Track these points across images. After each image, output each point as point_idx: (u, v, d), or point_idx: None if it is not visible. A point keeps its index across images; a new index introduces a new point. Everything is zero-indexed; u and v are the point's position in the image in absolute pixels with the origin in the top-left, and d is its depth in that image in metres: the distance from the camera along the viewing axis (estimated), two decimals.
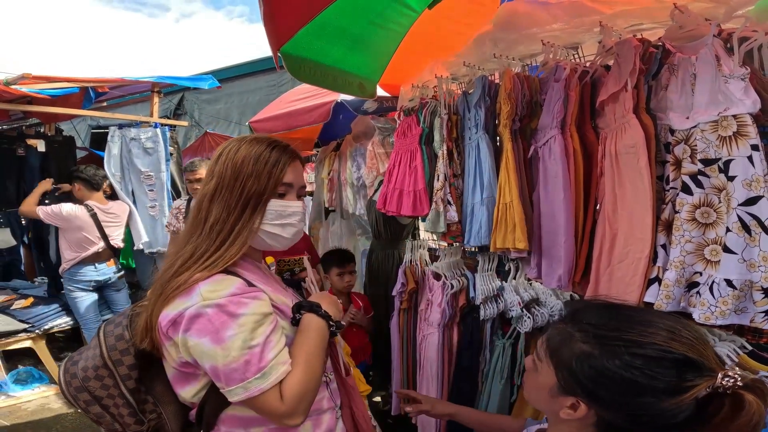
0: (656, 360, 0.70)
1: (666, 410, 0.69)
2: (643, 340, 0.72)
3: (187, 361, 0.96)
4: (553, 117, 1.43)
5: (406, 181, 2.28)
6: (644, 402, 0.70)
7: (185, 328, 0.92)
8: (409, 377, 2.53)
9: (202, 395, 1.00)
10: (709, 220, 1.12)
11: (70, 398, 1.04)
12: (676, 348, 0.70)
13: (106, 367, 1.02)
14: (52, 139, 4.42)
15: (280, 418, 0.93)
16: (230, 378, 0.91)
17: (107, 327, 1.08)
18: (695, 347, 0.70)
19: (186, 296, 0.93)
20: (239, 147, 1.03)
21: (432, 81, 2.21)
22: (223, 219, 0.99)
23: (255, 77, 7.01)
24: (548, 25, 1.45)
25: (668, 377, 0.69)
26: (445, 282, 2.26)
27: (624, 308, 0.80)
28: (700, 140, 1.11)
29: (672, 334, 0.71)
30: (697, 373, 0.69)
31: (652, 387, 0.70)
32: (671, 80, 1.19)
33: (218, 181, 1.01)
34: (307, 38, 2.01)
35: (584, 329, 0.77)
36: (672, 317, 0.75)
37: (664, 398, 0.69)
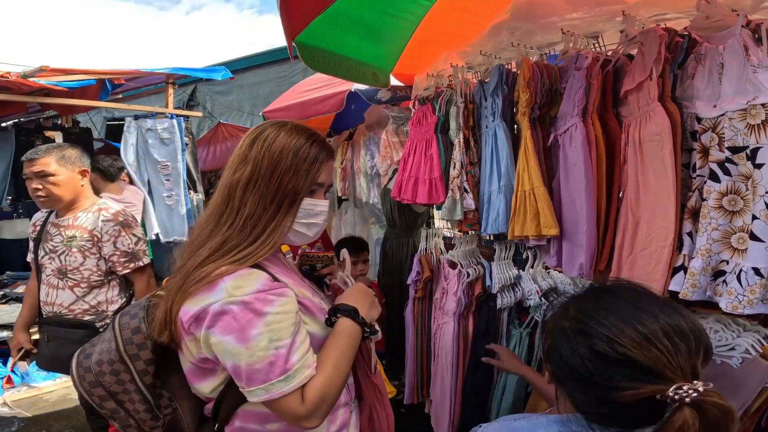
0: (603, 355, 0.72)
1: (616, 403, 0.71)
2: (606, 333, 0.73)
3: (206, 357, 0.93)
4: (574, 105, 1.41)
5: (421, 169, 2.28)
6: (573, 386, 0.77)
7: (209, 325, 0.88)
8: (423, 367, 2.55)
9: (220, 390, 0.98)
10: (736, 208, 1.11)
11: (83, 393, 1.00)
12: (631, 351, 0.70)
13: (122, 362, 0.98)
14: (70, 130, 4.48)
15: (298, 421, 0.91)
16: (252, 378, 0.88)
17: (122, 319, 1.02)
18: (659, 356, 0.70)
19: (209, 291, 0.89)
20: (278, 134, 0.97)
21: (447, 70, 2.20)
22: (258, 213, 0.94)
23: (266, 68, 7.01)
24: (567, 14, 1.43)
25: (608, 373, 0.71)
26: (461, 270, 2.27)
27: (636, 303, 0.77)
28: (727, 128, 1.10)
29: (645, 340, 0.71)
30: (646, 377, 0.69)
31: (591, 378, 0.73)
32: (698, 69, 1.19)
33: (254, 169, 0.95)
34: (321, 28, 2.00)
35: (576, 309, 0.80)
36: (679, 324, 0.73)
37: (601, 391, 0.72)
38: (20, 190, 4.51)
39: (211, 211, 0.99)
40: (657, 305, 0.76)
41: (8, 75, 3.17)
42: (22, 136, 4.32)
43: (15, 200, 4.73)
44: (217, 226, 0.96)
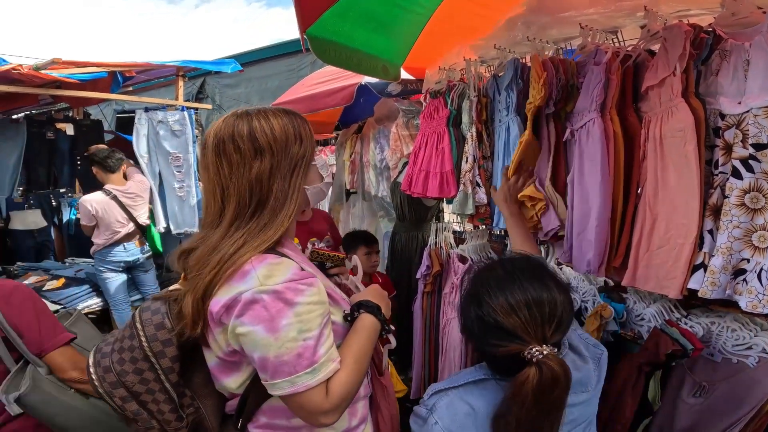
0: (481, 318, 0.95)
1: (492, 356, 0.97)
2: (486, 300, 0.95)
3: (233, 351, 0.93)
4: (592, 100, 1.39)
5: (432, 163, 2.26)
6: (475, 344, 1.03)
7: (239, 314, 0.87)
8: (430, 362, 2.55)
9: (246, 385, 0.97)
10: (758, 206, 1.09)
11: (103, 394, 0.95)
12: (499, 317, 0.92)
13: (146, 360, 0.94)
14: (81, 123, 4.51)
15: (318, 416, 0.90)
16: (278, 371, 0.87)
17: (143, 315, 0.97)
18: (521, 324, 0.91)
19: (241, 280, 0.88)
20: (269, 121, 0.96)
21: (459, 63, 2.17)
22: (284, 190, 0.95)
23: (274, 61, 7.00)
24: (585, 9, 1.40)
25: (487, 334, 0.94)
26: (472, 265, 2.26)
27: (512, 275, 0.98)
28: (752, 125, 1.08)
29: (509, 308, 0.92)
30: (511, 338, 0.91)
31: (478, 336, 0.98)
32: (722, 65, 1.17)
33: (272, 156, 0.94)
34: (332, 20, 1.99)
35: (473, 278, 1.05)
36: (540, 294, 0.94)
37: (486, 346, 0.96)
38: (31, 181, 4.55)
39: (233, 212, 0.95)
40: (530, 279, 0.96)
41: (20, 67, 3.19)
42: (33, 128, 4.36)
43: (26, 191, 4.78)
44: (242, 220, 0.94)
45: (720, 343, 1.34)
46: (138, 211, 3.83)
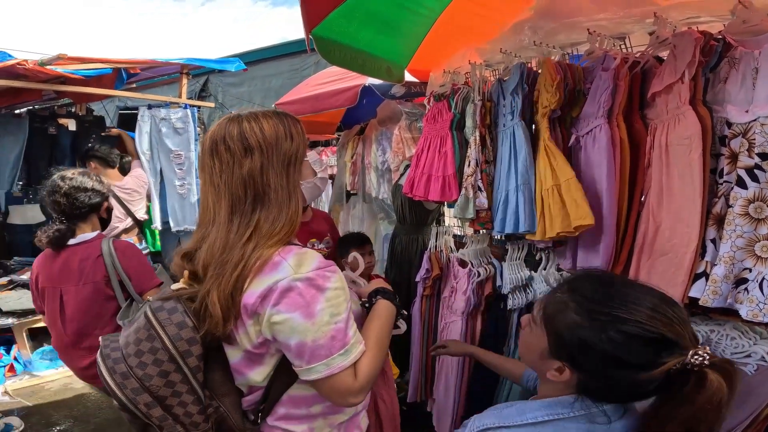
0: (636, 337, 0.75)
1: (639, 381, 0.76)
2: (629, 317, 0.76)
3: (263, 341, 0.94)
4: (599, 106, 1.39)
5: (434, 166, 2.26)
6: (621, 374, 0.77)
7: (275, 302, 0.89)
8: (427, 365, 2.55)
9: (271, 376, 0.98)
10: (761, 216, 1.09)
11: (126, 402, 0.90)
12: (656, 326, 0.75)
13: (172, 361, 0.91)
14: (83, 118, 4.50)
15: (350, 396, 0.93)
16: (315, 355, 0.90)
17: (159, 314, 0.93)
18: (674, 326, 0.75)
19: (273, 271, 0.91)
20: (259, 122, 0.99)
21: (464, 67, 2.17)
22: (282, 185, 0.97)
23: (277, 61, 7.01)
24: (594, 15, 1.40)
25: (644, 354, 0.75)
26: (472, 269, 2.25)
27: (617, 283, 0.84)
28: (759, 134, 1.08)
29: (655, 313, 0.76)
30: (671, 350, 0.74)
31: (629, 362, 0.76)
32: (731, 73, 1.17)
33: (261, 153, 0.97)
34: (338, 21, 1.99)
35: (578, 301, 0.82)
36: (658, 294, 0.80)
37: (639, 372, 0.75)
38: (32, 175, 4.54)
39: (228, 208, 0.97)
40: (640, 289, 0.82)
41: (25, 62, 3.19)
42: (35, 122, 4.35)
43: (26, 186, 4.76)
44: (242, 216, 0.96)
45: (719, 351, 1.34)
46: (135, 206, 3.82)
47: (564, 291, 0.86)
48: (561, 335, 0.83)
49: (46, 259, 1.98)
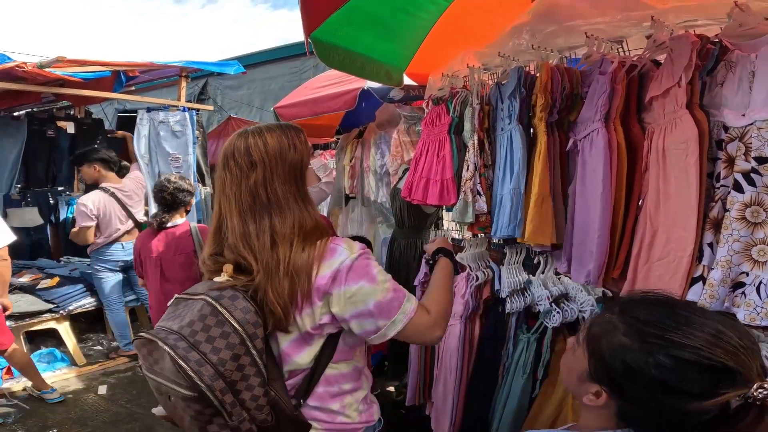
0: (690, 363, 0.70)
1: (689, 412, 0.69)
2: (684, 341, 0.71)
3: (326, 321, 1.06)
4: (596, 110, 1.39)
5: (433, 170, 2.26)
6: (668, 402, 0.71)
7: (346, 280, 1.04)
8: (426, 368, 2.54)
9: (316, 357, 1.09)
10: (758, 220, 1.09)
11: (204, 389, 0.91)
12: (716, 354, 0.69)
13: (243, 344, 0.97)
14: (82, 121, 4.51)
15: (432, 330, 1.11)
16: (391, 308, 1.05)
17: (223, 302, 0.99)
18: (738, 356, 0.69)
19: (333, 256, 1.06)
20: (264, 137, 1.10)
21: (462, 70, 2.18)
22: (291, 192, 1.09)
23: (277, 64, 7.03)
24: (592, 18, 1.41)
25: (698, 382, 0.69)
26: (470, 273, 2.25)
27: (679, 306, 0.78)
28: (755, 138, 1.08)
29: (717, 340, 0.70)
30: (731, 382, 0.68)
31: (679, 389, 0.70)
32: (728, 77, 1.17)
33: (263, 168, 1.08)
34: (337, 24, 2.00)
35: (629, 323, 0.77)
36: (727, 321, 0.73)
37: (689, 401, 0.69)
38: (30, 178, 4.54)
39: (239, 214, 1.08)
40: (717, 314, 0.76)
41: (24, 65, 3.19)
42: (34, 125, 4.35)
43: (24, 188, 4.76)
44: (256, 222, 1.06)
45: None
46: (135, 208, 3.83)
47: (614, 312, 0.81)
48: (603, 357, 0.78)
49: (145, 237, 2.80)
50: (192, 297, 1.04)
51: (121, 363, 3.89)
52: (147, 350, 1.01)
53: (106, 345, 4.22)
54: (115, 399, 3.35)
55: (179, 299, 1.08)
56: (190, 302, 1.03)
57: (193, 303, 1.02)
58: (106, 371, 3.77)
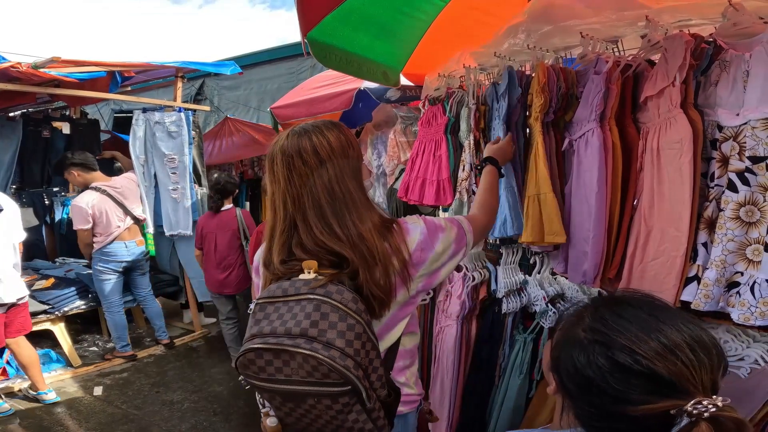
0: (623, 366, 0.70)
1: (620, 417, 0.70)
2: (624, 344, 0.71)
3: (418, 291, 1.17)
4: (591, 110, 1.39)
5: (429, 170, 2.26)
6: (594, 400, 0.73)
7: (431, 243, 1.17)
8: (423, 369, 2.54)
9: (402, 331, 1.18)
10: (752, 219, 1.09)
11: (354, 379, 0.96)
12: (651, 362, 0.68)
13: (365, 332, 1.01)
14: (77, 122, 4.49)
15: (486, 230, 1.38)
16: (461, 237, 1.22)
17: (335, 297, 1.01)
18: (681, 368, 0.68)
19: (410, 233, 1.16)
20: (326, 135, 1.12)
21: (458, 71, 2.18)
22: (357, 187, 1.14)
23: (274, 64, 7.02)
24: (588, 18, 1.41)
25: (625, 386, 0.69)
26: (466, 274, 2.25)
27: (647, 308, 0.76)
28: (749, 137, 1.08)
29: (666, 349, 0.69)
30: (665, 392, 0.67)
31: (604, 390, 0.71)
32: (722, 76, 1.17)
33: (333, 165, 1.11)
34: (333, 24, 1.99)
35: (593, 318, 0.78)
36: (701, 337, 0.72)
37: (619, 405, 0.69)
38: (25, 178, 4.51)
39: (317, 211, 1.10)
40: (678, 317, 0.74)
41: (19, 65, 3.17)
42: (29, 126, 4.33)
43: (19, 189, 4.74)
44: (342, 216, 1.10)
45: None
46: (132, 205, 3.80)
47: (589, 306, 0.82)
48: (558, 347, 0.80)
49: (207, 218, 3.69)
50: (291, 298, 1.03)
51: (117, 364, 3.87)
52: (265, 360, 0.98)
53: (102, 346, 4.20)
54: (111, 400, 3.34)
55: (266, 304, 1.05)
56: (292, 304, 1.02)
57: (296, 305, 1.01)
58: (101, 372, 3.76)
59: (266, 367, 0.98)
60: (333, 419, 1.00)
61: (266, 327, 0.99)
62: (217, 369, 3.80)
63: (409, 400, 1.26)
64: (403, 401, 1.20)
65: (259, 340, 0.98)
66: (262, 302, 1.05)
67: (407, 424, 1.30)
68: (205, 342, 4.39)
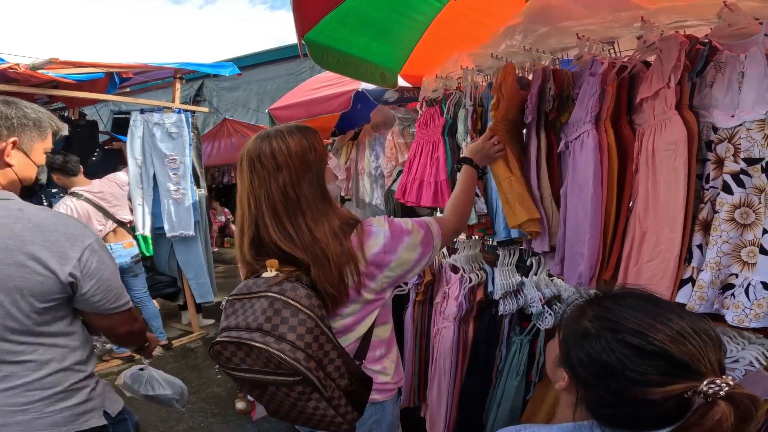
0: (636, 349, 0.71)
1: (638, 401, 0.71)
2: (634, 327, 0.73)
3: (384, 288, 1.21)
4: (587, 111, 1.40)
5: (427, 172, 2.26)
6: (614, 386, 0.73)
7: (395, 246, 1.19)
8: (420, 370, 2.53)
9: (372, 324, 1.22)
10: (747, 221, 1.09)
11: (305, 371, 1.02)
12: (662, 341, 0.70)
13: (318, 327, 1.07)
14: (76, 123, 4.49)
15: (455, 234, 1.42)
16: (428, 241, 1.24)
17: (288, 294, 1.08)
18: (687, 346, 0.70)
19: (372, 235, 1.19)
20: (286, 140, 1.16)
21: (456, 72, 2.18)
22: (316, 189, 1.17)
23: (274, 65, 7.03)
24: (584, 19, 1.41)
25: (643, 368, 0.70)
26: (463, 275, 2.25)
27: (649, 300, 0.79)
28: (744, 139, 1.07)
29: (678, 334, 0.71)
30: (680, 373, 0.69)
31: (623, 374, 0.71)
32: (717, 77, 1.16)
33: (289, 170, 1.15)
34: (331, 26, 2.00)
35: (596, 310, 0.79)
36: (699, 323, 0.74)
37: (635, 387, 0.71)
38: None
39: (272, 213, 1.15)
40: (677, 307, 0.77)
41: (17, 66, 3.18)
42: None
43: None
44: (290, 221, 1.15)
45: None
46: (114, 208, 3.75)
47: (590, 301, 0.85)
48: (568, 340, 0.82)
49: None
50: (253, 296, 1.10)
51: (115, 365, 3.87)
52: (230, 352, 1.07)
53: (100, 347, 4.19)
54: None
55: (233, 300, 1.14)
56: (253, 300, 1.10)
57: (257, 301, 1.09)
58: (99, 373, 3.72)
59: (232, 358, 1.07)
60: (294, 405, 1.10)
61: (232, 322, 1.09)
62: (215, 370, 3.79)
63: (385, 388, 1.30)
64: (378, 389, 1.26)
65: (225, 333, 1.08)
66: (231, 299, 1.15)
67: (385, 412, 1.32)
68: (203, 343, 4.39)
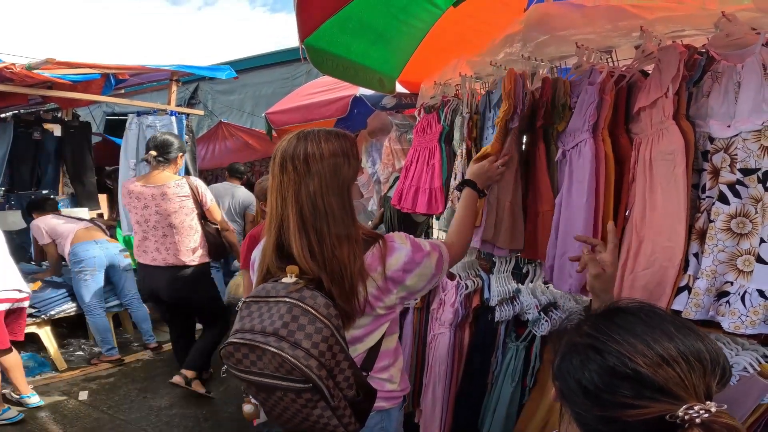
0: (612, 369, 0.71)
1: (616, 420, 0.70)
2: (613, 347, 0.72)
3: (398, 301, 1.24)
4: (585, 120, 1.41)
5: (422, 179, 2.27)
6: (588, 404, 0.73)
7: (414, 266, 1.22)
8: (416, 376, 2.53)
9: (382, 335, 1.24)
10: (744, 231, 1.10)
11: (315, 379, 1.02)
12: (642, 368, 0.68)
13: (333, 336, 1.06)
14: (69, 124, 4.46)
15: (459, 257, 1.49)
16: (440, 264, 1.28)
17: (307, 302, 1.08)
18: (672, 373, 0.68)
19: (394, 252, 1.21)
20: (321, 145, 1.15)
21: (454, 79, 2.19)
22: (342, 204, 1.17)
23: (270, 69, 7.03)
24: (583, 28, 1.43)
25: (613, 389, 0.70)
26: (460, 282, 2.25)
27: (643, 315, 0.77)
28: (740, 149, 1.09)
29: (659, 357, 0.69)
30: (655, 396, 0.67)
31: (594, 394, 0.72)
32: (714, 87, 1.17)
33: (320, 179, 1.14)
34: (331, 31, 2.01)
35: (589, 325, 0.79)
36: (694, 344, 0.71)
37: (606, 408, 0.71)
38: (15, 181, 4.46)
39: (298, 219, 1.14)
40: (674, 326, 0.74)
41: (13, 66, 3.15)
42: (20, 127, 4.29)
43: (8, 191, 4.68)
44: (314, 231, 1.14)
45: None
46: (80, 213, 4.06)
47: (588, 316, 0.84)
48: (557, 354, 0.82)
49: None
50: (271, 300, 1.10)
51: (103, 369, 3.82)
52: (242, 353, 1.07)
53: (88, 350, 4.14)
54: (97, 405, 3.28)
55: (250, 302, 1.13)
56: (271, 304, 1.09)
57: (275, 305, 1.08)
58: (87, 377, 3.70)
59: (243, 360, 1.07)
60: (299, 411, 1.08)
61: (247, 324, 1.08)
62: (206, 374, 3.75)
63: (392, 396, 1.32)
64: (385, 397, 1.28)
65: (239, 335, 1.07)
66: (248, 301, 1.13)
67: (391, 419, 1.34)
68: None
